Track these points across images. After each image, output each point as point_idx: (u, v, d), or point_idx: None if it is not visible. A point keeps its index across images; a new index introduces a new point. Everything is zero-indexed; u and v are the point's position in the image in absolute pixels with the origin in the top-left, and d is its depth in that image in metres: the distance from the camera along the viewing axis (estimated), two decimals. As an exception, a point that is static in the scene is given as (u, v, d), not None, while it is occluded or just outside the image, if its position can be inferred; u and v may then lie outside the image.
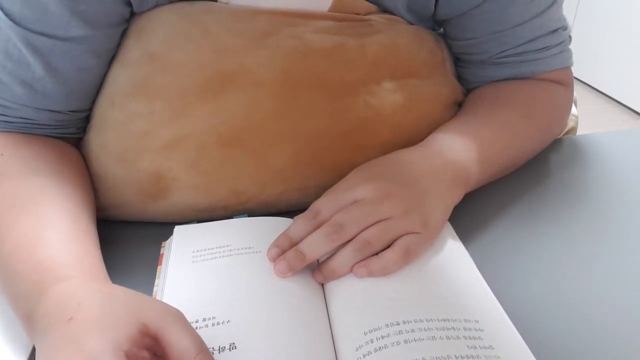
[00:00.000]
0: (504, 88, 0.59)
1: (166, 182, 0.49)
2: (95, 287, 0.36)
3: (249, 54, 0.49)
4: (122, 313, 0.33)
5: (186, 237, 0.47)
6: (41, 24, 0.44)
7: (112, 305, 0.33)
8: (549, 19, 0.56)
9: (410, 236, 0.43)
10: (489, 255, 0.48)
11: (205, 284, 0.42)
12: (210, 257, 0.44)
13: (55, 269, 0.38)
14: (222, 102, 0.49)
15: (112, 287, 0.37)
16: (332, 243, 0.42)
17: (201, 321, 0.38)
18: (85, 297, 0.34)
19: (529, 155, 0.60)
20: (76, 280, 0.37)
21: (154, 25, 0.49)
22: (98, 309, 0.33)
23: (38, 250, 0.39)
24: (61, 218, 0.42)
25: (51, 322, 0.34)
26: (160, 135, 0.49)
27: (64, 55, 0.46)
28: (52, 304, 0.35)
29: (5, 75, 0.46)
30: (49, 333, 0.33)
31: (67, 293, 0.35)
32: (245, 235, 0.47)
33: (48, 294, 0.36)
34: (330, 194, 0.45)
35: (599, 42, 2.40)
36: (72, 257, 0.39)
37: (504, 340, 0.37)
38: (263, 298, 0.40)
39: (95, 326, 0.32)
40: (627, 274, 0.46)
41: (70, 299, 0.34)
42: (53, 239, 0.40)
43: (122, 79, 0.49)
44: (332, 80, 0.51)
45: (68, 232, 0.41)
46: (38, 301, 0.36)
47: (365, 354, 0.35)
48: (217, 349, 0.36)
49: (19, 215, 0.42)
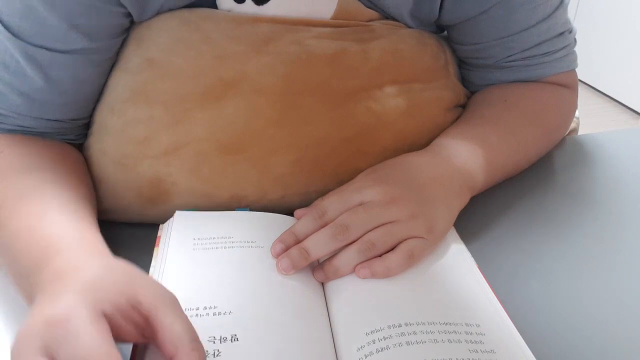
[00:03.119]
0: (512, 92, 0.59)
1: (166, 187, 0.49)
2: (96, 258, 0.36)
3: (250, 61, 0.49)
4: (116, 282, 0.32)
5: (187, 223, 0.46)
6: (40, 37, 0.44)
7: (108, 275, 0.33)
8: (555, 23, 0.56)
9: (415, 240, 0.43)
10: (490, 254, 0.48)
11: (206, 273, 0.41)
12: (211, 247, 0.44)
13: (56, 243, 0.37)
14: (222, 108, 0.48)
15: (114, 260, 0.36)
16: (337, 243, 0.42)
17: (202, 309, 0.37)
18: (82, 265, 0.34)
19: (533, 160, 0.60)
20: (76, 252, 0.36)
21: (154, 32, 0.49)
22: (92, 276, 0.32)
23: (39, 231, 0.39)
24: (62, 204, 0.42)
25: (45, 286, 0.33)
26: (159, 141, 0.48)
27: (62, 67, 0.46)
28: (51, 273, 0.34)
29: (3, 86, 0.46)
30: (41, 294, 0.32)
31: (67, 262, 0.35)
32: (248, 228, 0.46)
33: (49, 266, 0.35)
34: (338, 194, 0.45)
35: (599, 42, 2.40)
36: (73, 233, 0.39)
37: (505, 344, 0.37)
38: (264, 293, 0.40)
39: (81, 287, 0.31)
40: (629, 273, 0.46)
41: (69, 266, 0.34)
42: (54, 220, 0.40)
43: (121, 85, 0.49)
44: (334, 86, 0.51)
45: (68, 215, 0.41)
46: (40, 274, 0.35)
47: (367, 354, 0.35)
48: (218, 339, 0.35)
49: (21, 205, 0.41)
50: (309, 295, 0.41)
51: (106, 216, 0.52)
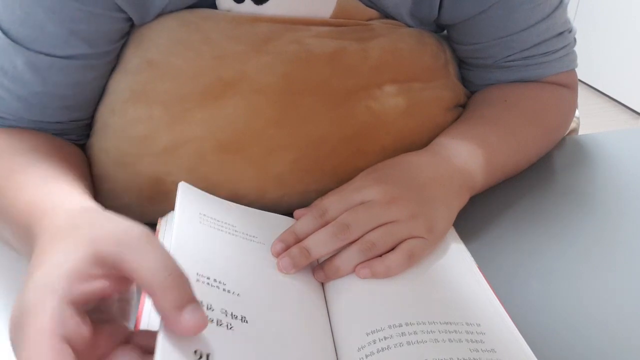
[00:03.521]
0: (511, 92, 0.59)
1: (166, 186, 0.49)
2: (70, 213, 0.34)
3: (250, 60, 0.49)
4: (78, 244, 0.29)
5: (192, 197, 0.45)
6: (39, 42, 0.44)
7: (72, 237, 0.30)
8: (555, 23, 0.56)
9: (415, 240, 0.43)
10: (490, 254, 0.48)
11: (214, 249, 0.40)
12: (217, 227, 0.43)
13: (39, 208, 0.36)
14: (221, 108, 0.48)
15: (82, 213, 0.34)
16: (338, 242, 0.42)
17: (213, 280, 0.36)
18: (57, 227, 0.32)
19: (533, 160, 0.60)
20: (58, 211, 0.35)
21: (154, 33, 0.49)
22: (57, 263, 0.29)
23: (22, 193, 0.38)
24: (48, 173, 0.42)
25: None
26: (159, 140, 0.48)
27: (62, 72, 0.46)
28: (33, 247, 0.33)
29: (2, 91, 0.46)
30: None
31: (51, 224, 0.33)
32: (250, 223, 0.46)
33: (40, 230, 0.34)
34: (338, 194, 0.45)
35: (599, 42, 2.40)
36: (56, 193, 0.38)
37: (505, 343, 0.37)
38: (266, 291, 0.39)
39: (46, 263, 0.29)
40: (628, 273, 0.46)
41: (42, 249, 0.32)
42: (38, 182, 0.40)
43: (121, 86, 0.49)
44: (334, 85, 0.51)
45: (53, 175, 0.41)
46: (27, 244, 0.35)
47: (367, 355, 0.35)
48: (230, 314, 0.34)
49: (8, 178, 0.41)
50: (309, 295, 0.41)
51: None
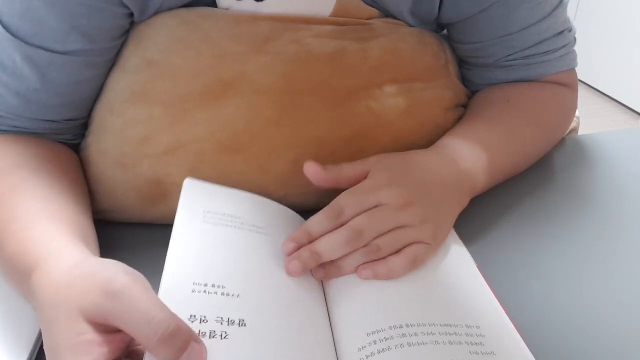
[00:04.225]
0: (512, 92, 0.59)
1: (165, 187, 0.49)
2: (62, 276, 0.33)
3: (250, 60, 0.49)
4: (69, 311, 0.30)
5: (197, 193, 0.45)
6: (39, 37, 0.43)
7: (64, 308, 0.30)
8: (555, 22, 0.56)
9: (420, 246, 0.43)
10: (490, 255, 0.48)
11: (216, 250, 0.40)
12: (222, 223, 0.42)
13: (25, 259, 0.36)
14: (221, 108, 0.48)
15: (67, 274, 0.33)
16: (349, 248, 0.42)
17: (210, 286, 0.36)
18: (43, 291, 0.32)
19: (533, 160, 0.60)
20: (42, 270, 0.34)
21: (153, 32, 0.49)
22: (49, 309, 0.30)
23: (7, 243, 0.38)
24: (31, 207, 0.41)
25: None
26: (159, 141, 0.48)
27: (60, 68, 0.45)
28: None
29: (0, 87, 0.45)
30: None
31: (37, 285, 0.33)
32: (257, 213, 0.46)
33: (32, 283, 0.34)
34: (354, 194, 0.44)
35: (599, 42, 2.40)
36: (40, 243, 0.37)
37: (505, 345, 0.37)
38: (268, 288, 0.39)
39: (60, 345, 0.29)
40: (628, 273, 0.46)
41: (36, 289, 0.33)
42: (18, 230, 0.39)
43: (120, 85, 0.49)
44: (334, 85, 0.51)
45: (39, 215, 0.40)
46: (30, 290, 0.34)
47: (368, 355, 0.35)
48: (225, 320, 0.34)
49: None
50: (309, 295, 0.41)
51: (105, 216, 0.51)
